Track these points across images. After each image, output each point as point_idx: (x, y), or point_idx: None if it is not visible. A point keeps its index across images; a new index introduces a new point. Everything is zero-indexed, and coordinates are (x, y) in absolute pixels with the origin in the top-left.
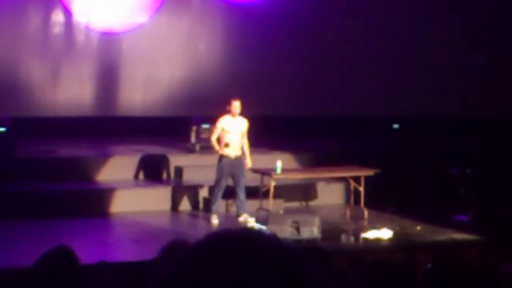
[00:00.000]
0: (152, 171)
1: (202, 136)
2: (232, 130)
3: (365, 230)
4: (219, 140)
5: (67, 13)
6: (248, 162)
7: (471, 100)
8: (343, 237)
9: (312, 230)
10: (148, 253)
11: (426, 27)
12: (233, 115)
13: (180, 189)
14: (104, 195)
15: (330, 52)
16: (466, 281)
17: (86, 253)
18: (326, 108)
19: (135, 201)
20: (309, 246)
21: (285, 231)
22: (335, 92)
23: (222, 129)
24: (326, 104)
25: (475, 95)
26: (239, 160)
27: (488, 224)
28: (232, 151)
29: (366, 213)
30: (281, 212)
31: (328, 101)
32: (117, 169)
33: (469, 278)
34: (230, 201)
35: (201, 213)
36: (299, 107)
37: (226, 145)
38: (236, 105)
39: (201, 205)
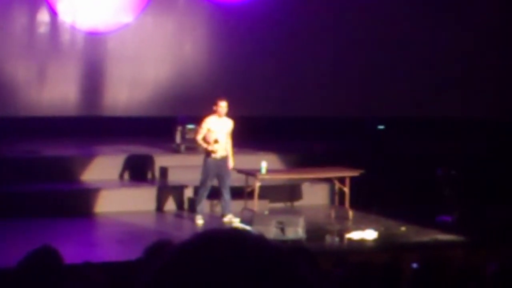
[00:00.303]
0: (137, 171)
1: (188, 136)
2: (218, 130)
3: (349, 230)
4: (205, 140)
5: (53, 13)
6: (231, 163)
7: (457, 101)
8: (328, 238)
9: (296, 231)
10: (133, 253)
11: (411, 28)
12: (220, 115)
13: (165, 189)
14: (89, 195)
15: (315, 53)
16: (452, 282)
17: (71, 253)
18: (311, 108)
19: (120, 201)
20: (294, 246)
21: (270, 232)
22: (320, 92)
23: (208, 130)
24: (312, 104)
25: (460, 96)
26: (225, 160)
27: (472, 225)
28: (218, 151)
29: (350, 213)
30: (266, 212)
31: (314, 101)
32: (102, 169)
33: (455, 279)
34: (215, 202)
35: (186, 214)
36: (285, 107)
37: (216, 141)
38: (222, 105)
39: (186, 205)
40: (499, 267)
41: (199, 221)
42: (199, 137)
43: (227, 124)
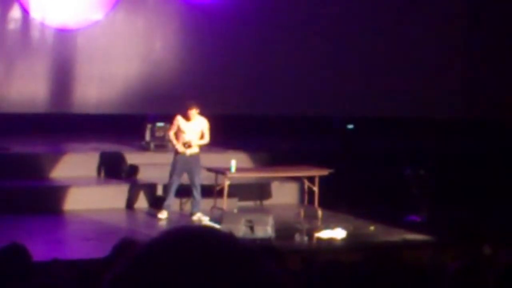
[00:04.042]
0: (107, 168)
1: (157, 134)
2: (187, 130)
3: (318, 229)
4: (176, 136)
5: (23, 9)
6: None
7: (425, 101)
8: (297, 237)
9: (266, 230)
10: (103, 251)
11: (382, 27)
12: (188, 119)
13: (135, 187)
14: (58, 192)
15: (286, 51)
16: (410, 280)
17: (40, 251)
18: (281, 107)
19: (90, 199)
20: (263, 245)
21: (239, 230)
22: (290, 91)
23: (178, 128)
24: (281, 103)
25: (428, 96)
26: (194, 157)
27: (440, 224)
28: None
29: (320, 213)
30: (235, 211)
31: (283, 100)
32: (72, 166)
33: (413, 277)
34: (184, 200)
35: (155, 211)
36: (254, 106)
37: (187, 145)
38: (190, 112)
39: (155, 203)
40: (460, 266)
41: (160, 215)
42: (171, 133)
43: (199, 125)
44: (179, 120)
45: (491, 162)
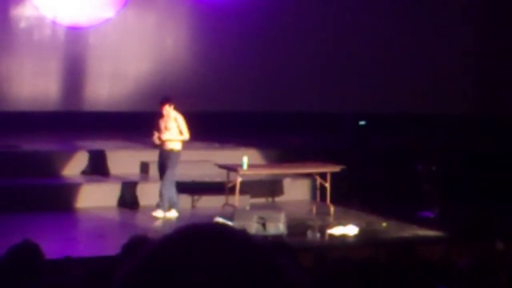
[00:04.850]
0: (118, 166)
1: None
2: (162, 127)
3: (331, 226)
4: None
5: (34, 7)
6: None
7: (437, 97)
8: (309, 233)
9: (278, 226)
10: (113, 248)
11: (391, 24)
12: (162, 116)
13: (146, 185)
14: (69, 190)
15: (296, 48)
16: (422, 276)
17: (51, 248)
18: (293, 104)
19: (101, 196)
20: (275, 242)
21: (251, 227)
22: (302, 88)
23: (157, 126)
24: (293, 100)
25: (441, 92)
26: (172, 153)
27: (453, 220)
28: (164, 145)
29: (332, 209)
30: (247, 208)
31: (295, 97)
32: (83, 164)
33: (425, 273)
34: (196, 197)
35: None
36: (266, 103)
37: (159, 138)
38: (162, 108)
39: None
40: (473, 262)
41: (169, 214)
42: (155, 132)
43: (173, 121)
44: (157, 120)
45: (503, 158)
